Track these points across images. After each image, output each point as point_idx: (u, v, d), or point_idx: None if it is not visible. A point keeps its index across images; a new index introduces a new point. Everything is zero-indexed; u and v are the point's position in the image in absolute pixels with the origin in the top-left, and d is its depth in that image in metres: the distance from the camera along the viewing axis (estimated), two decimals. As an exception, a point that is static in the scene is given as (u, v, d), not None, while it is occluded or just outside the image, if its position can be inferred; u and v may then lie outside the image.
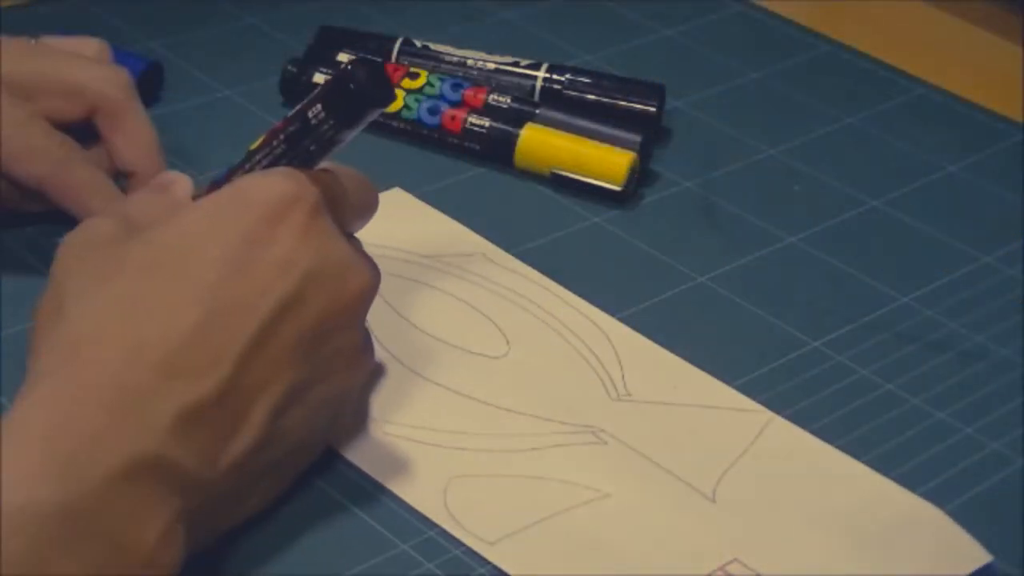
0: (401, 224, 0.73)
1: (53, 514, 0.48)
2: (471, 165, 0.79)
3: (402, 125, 0.79)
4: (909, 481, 0.61)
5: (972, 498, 0.61)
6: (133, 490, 0.50)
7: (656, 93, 0.82)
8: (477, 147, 0.79)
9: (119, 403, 0.51)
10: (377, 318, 0.68)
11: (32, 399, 0.51)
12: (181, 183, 0.61)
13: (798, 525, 0.59)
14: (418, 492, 0.59)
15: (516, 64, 0.83)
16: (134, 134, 0.70)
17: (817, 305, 0.71)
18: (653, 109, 0.81)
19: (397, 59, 0.83)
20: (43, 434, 0.50)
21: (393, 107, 0.79)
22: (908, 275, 0.73)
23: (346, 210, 0.59)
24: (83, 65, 0.70)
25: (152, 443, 0.51)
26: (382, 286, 0.70)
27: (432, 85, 0.80)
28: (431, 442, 0.62)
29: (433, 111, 0.79)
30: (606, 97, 0.82)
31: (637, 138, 0.78)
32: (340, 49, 0.83)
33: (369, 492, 0.60)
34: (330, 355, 0.57)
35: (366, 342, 0.60)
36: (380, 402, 0.63)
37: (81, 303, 0.54)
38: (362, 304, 0.58)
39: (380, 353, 0.66)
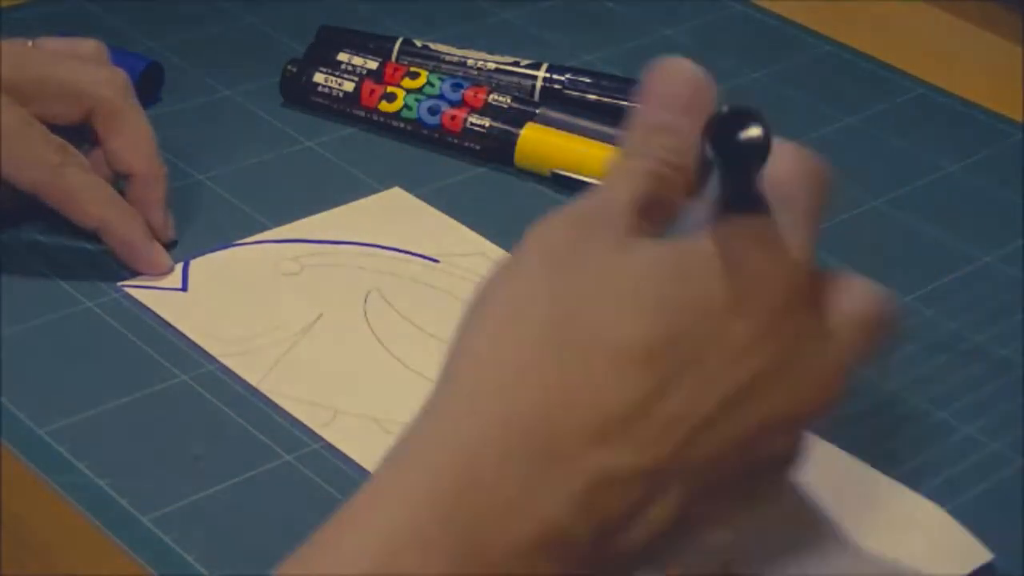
0: (401, 224, 0.73)
1: None
2: (471, 165, 0.78)
3: (402, 125, 0.79)
4: (909, 481, 0.61)
5: (972, 498, 0.61)
6: (530, 571, 0.42)
7: (656, 93, 0.82)
8: (477, 147, 0.78)
9: (540, 455, 0.43)
10: (377, 318, 0.68)
11: (441, 433, 0.44)
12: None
13: (798, 523, 0.59)
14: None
15: (516, 64, 0.83)
16: (132, 136, 0.70)
17: (817, 305, 0.71)
18: (653, 109, 0.81)
19: (397, 59, 0.83)
20: (450, 488, 0.42)
21: (393, 107, 0.79)
22: (908, 275, 0.73)
23: None
24: (79, 67, 0.70)
25: (562, 512, 0.42)
26: (382, 286, 0.70)
27: (432, 85, 0.80)
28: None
29: (433, 111, 0.79)
30: (606, 97, 0.82)
31: (637, 138, 0.78)
32: (340, 49, 0.83)
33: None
34: (762, 462, 0.47)
35: (797, 459, 0.48)
36: (381, 402, 0.63)
37: (513, 318, 0.45)
38: (819, 416, 0.47)
39: (380, 353, 0.66)
